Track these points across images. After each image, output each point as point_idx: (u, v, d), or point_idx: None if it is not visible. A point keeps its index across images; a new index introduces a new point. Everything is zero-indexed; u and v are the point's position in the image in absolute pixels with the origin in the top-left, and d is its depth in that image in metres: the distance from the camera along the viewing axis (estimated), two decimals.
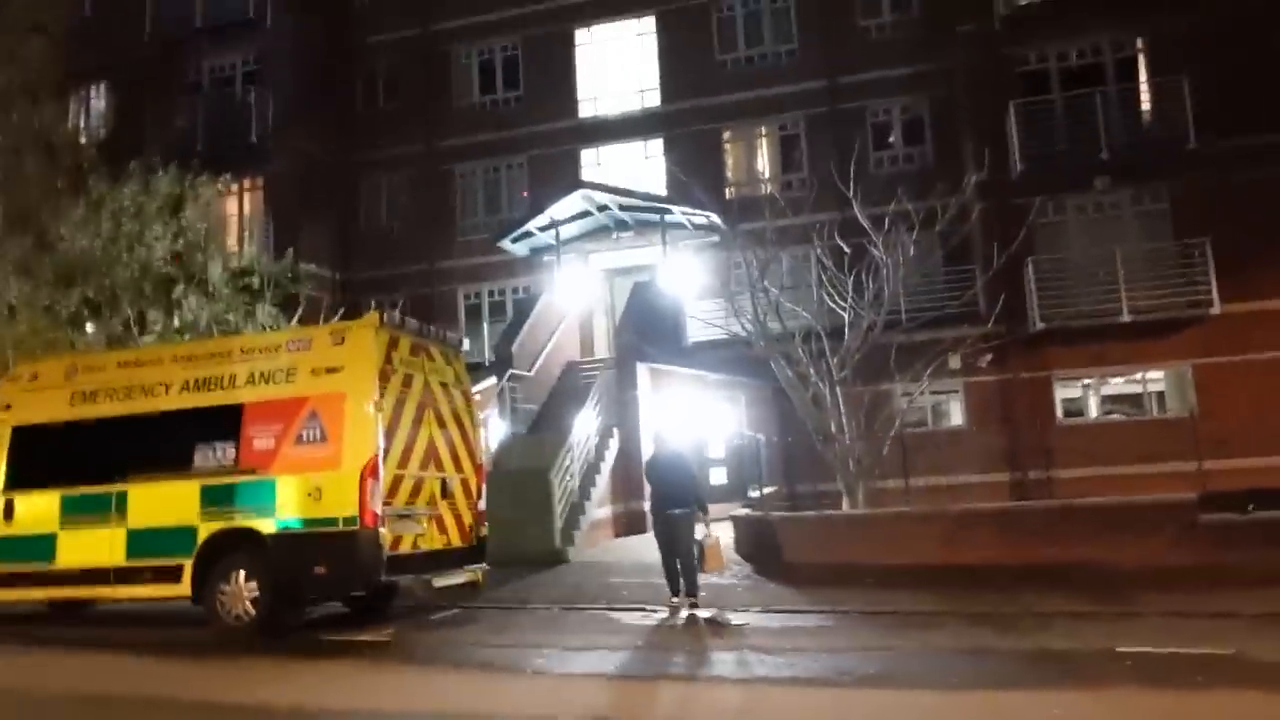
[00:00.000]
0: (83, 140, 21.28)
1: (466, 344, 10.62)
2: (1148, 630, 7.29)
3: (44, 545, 9.40)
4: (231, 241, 21.15)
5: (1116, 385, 18.48)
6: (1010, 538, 10.56)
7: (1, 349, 14.82)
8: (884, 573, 10.42)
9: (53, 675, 7.32)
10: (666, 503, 9.28)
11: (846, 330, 13.06)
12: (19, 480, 9.78)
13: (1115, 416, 18.21)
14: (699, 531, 9.29)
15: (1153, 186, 17.72)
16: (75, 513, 9.35)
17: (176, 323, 15.89)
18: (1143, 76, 18.28)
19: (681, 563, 9.20)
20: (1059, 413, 18.19)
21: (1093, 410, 18.31)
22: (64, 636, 9.23)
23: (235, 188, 22.51)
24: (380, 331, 8.85)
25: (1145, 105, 18.19)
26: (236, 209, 22.88)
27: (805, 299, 15.37)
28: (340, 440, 8.48)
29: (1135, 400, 18.25)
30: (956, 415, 19.11)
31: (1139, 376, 18.07)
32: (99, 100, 24.46)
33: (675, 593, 9.22)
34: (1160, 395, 18.10)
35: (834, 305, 13.59)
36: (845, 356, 12.86)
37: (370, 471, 8.32)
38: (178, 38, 22.80)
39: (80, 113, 24.36)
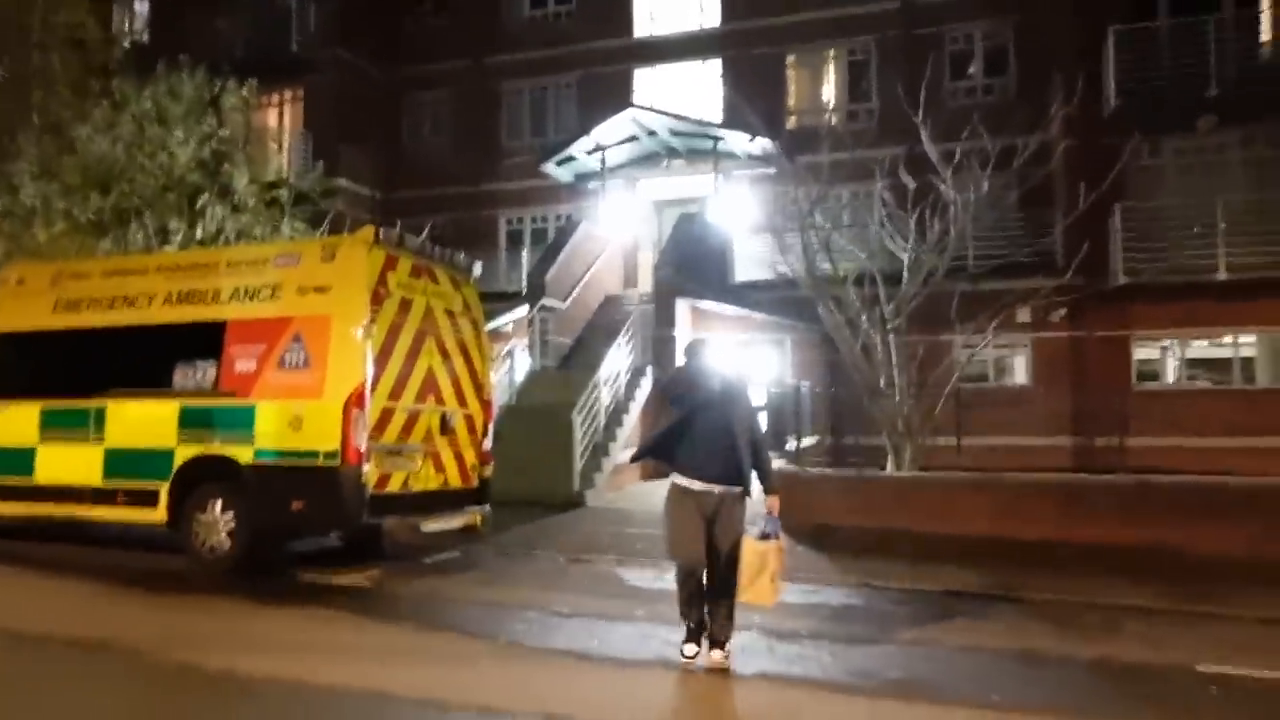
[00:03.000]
0: (125, 43, 20.68)
1: (478, 268, 9.65)
2: (1238, 641, 6.18)
3: (23, 459, 8.90)
4: (268, 153, 20.42)
5: (1200, 349, 16.85)
6: (1075, 513, 9.39)
7: (21, 256, 14.36)
8: (928, 542, 9.41)
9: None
10: (701, 468, 5.17)
11: (905, 275, 11.82)
12: (1, 389, 9.24)
13: (1199, 384, 16.62)
14: (749, 522, 5.27)
15: (1267, 129, 15.79)
16: (54, 427, 8.82)
17: (199, 234, 15.25)
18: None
19: (716, 579, 5.19)
20: (1134, 376, 16.70)
21: (1170, 375, 16.76)
22: (43, 556, 8.72)
23: (275, 99, 21.76)
24: (374, 249, 7.95)
25: (1265, 34, 16.14)
26: (276, 120, 22.13)
27: (862, 240, 14.07)
28: (324, 367, 7.68)
29: (1222, 366, 16.61)
30: (1020, 372, 17.70)
31: (1228, 340, 16.42)
32: (142, 4, 23.75)
33: (695, 635, 5.25)
34: (1249, 361, 16.43)
35: (893, 247, 12.31)
36: (901, 303, 11.65)
37: (355, 402, 7.52)
38: None
39: (124, 16, 23.74)
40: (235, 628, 6.17)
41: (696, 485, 5.21)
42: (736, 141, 18.79)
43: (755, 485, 5.35)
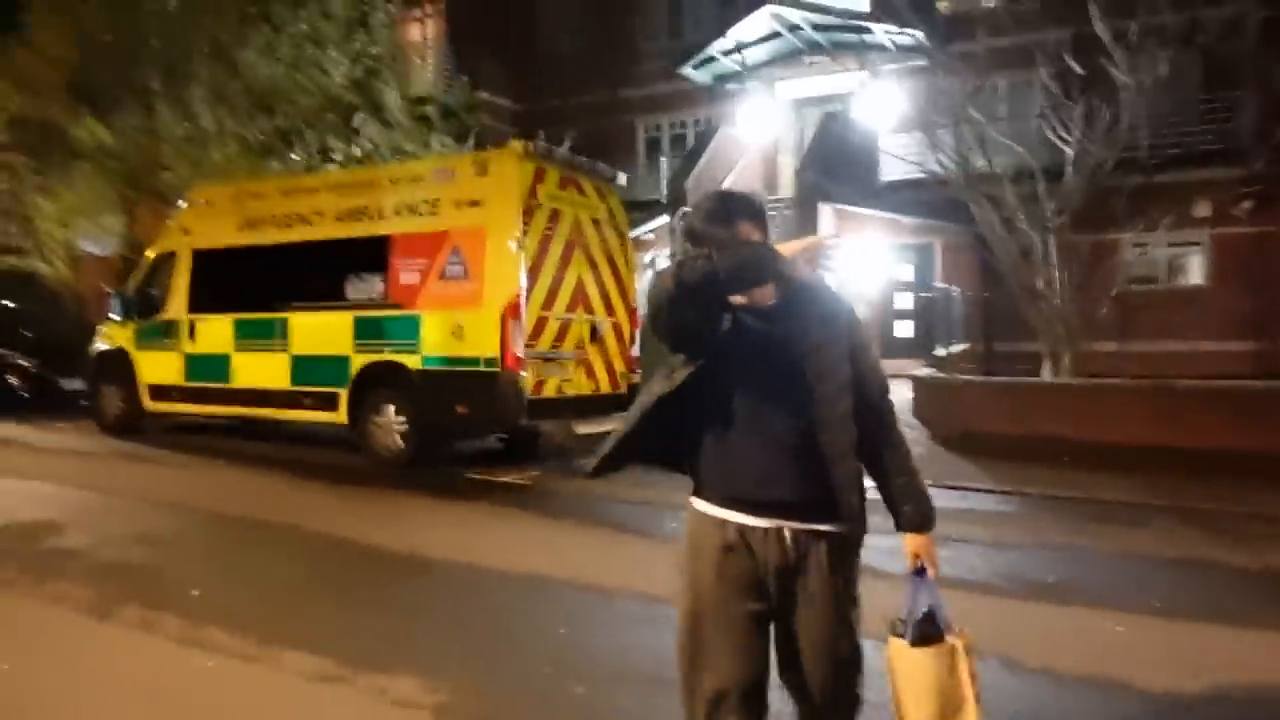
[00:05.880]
0: None
1: (623, 178, 9.79)
2: None
3: (222, 365, 9.87)
4: (414, 69, 20.97)
5: None
6: (1249, 421, 8.81)
7: (200, 178, 15.50)
8: (1084, 450, 9.10)
9: (202, 491, 7.66)
10: (742, 478, 2.17)
11: (1068, 169, 11.11)
12: (200, 302, 10.22)
13: None
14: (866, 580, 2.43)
15: None
16: (246, 337, 9.70)
17: (357, 152, 16.00)
18: None
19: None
20: None
21: None
22: (242, 451, 9.77)
23: (417, 12, 22.20)
24: (524, 162, 8.21)
25: None
26: (419, 34, 22.63)
27: (1021, 133, 13.26)
28: (482, 278, 8.10)
29: None
30: (1196, 272, 16.44)
31: None
32: None
33: None
34: None
35: (1056, 139, 11.55)
36: (1064, 200, 11.00)
37: (511, 312, 7.91)
38: None
39: None
40: (413, 517, 6.78)
41: (735, 516, 2.21)
42: (884, 33, 17.83)
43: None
